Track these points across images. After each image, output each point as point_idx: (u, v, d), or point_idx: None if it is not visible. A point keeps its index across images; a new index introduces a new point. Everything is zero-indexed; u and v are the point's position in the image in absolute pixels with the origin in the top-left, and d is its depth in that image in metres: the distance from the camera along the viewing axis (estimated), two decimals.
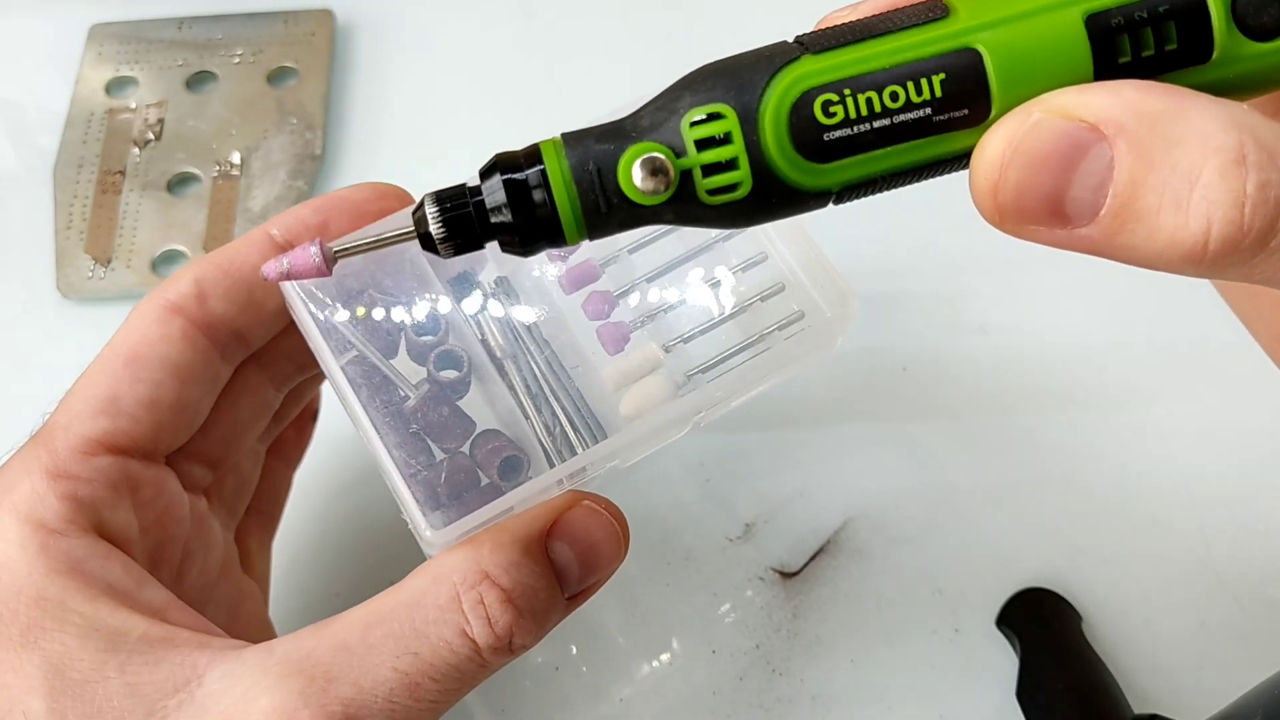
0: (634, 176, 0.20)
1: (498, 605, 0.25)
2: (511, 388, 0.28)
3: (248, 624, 0.32)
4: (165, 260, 0.45)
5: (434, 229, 0.21)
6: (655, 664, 0.37)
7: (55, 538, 0.25)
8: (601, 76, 0.51)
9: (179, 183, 0.48)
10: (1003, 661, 0.37)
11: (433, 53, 0.51)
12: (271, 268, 0.23)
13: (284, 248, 0.29)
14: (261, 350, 0.30)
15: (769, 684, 0.36)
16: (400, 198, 0.30)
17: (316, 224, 0.29)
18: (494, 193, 0.21)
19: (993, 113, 0.20)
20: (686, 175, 0.20)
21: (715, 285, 0.30)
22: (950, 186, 0.52)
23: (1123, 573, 0.38)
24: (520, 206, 0.21)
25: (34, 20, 0.52)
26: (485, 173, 0.21)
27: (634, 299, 0.29)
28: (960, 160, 0.21)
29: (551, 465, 0.27)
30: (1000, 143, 0.19)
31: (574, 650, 0.37)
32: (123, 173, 0.47)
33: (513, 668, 0.36)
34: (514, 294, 0.29)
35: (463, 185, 0.21)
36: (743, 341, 0.29)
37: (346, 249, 0.23)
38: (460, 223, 0.21)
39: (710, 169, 0.20)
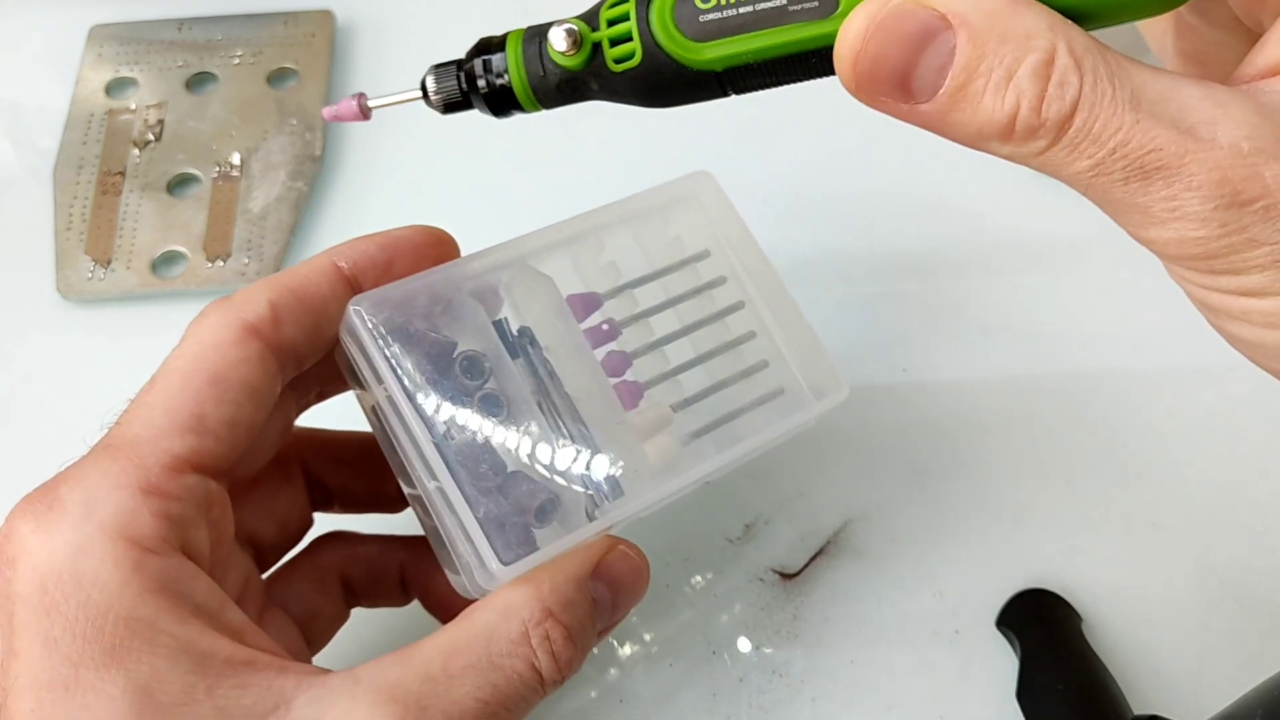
0: (554, 42, 0.26)
1: (561, 640, 0.27)
2: (540, 431, 0.30)
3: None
4: (165, 261, 0.45)
5: (432, 93, 0.28)
6: (655, 665, 0.37)
7: (149, 556, 0.25)
8: None
9: (179, 184, 0.48)
10: (1003, 662, 0.37)
11: (433, 53, 0.51)
12: (327, 112, 0.29)
13: (350, 279, 0.30)
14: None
15: (769, 685, 0.36)
16: (451, 245, 0.32)
17: (383, 260, 0.31)
18: (473, 66, 0.27)
19: (840, 7, 0.23)
20: (597, 46, 0.26)
21: (713, 356, 0.33)
22: (951, 186, 0.52)
23: (1123, 573, 0.38)
24: (488, 75, 0.27)
25: (34, 21, 0.53)
26: (470, 53, 0.28)
27: (648, 361, 0.33)
28: (820, 56, 0.24)
29: (586, 511, 0.29)
30: (863, 20, 0.22)
31: None
32: (123, 174, 0.47)
33: None
34: (538, 344, 0.31)
35: (457, 60, 0.28)
36: (736, 410, 0.33)
37: (380, 105, 0.29)
38: (451, 88, 0.28)
39: (615, 42, 0.25)
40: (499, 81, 0.27)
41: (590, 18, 0.26)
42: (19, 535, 0.25)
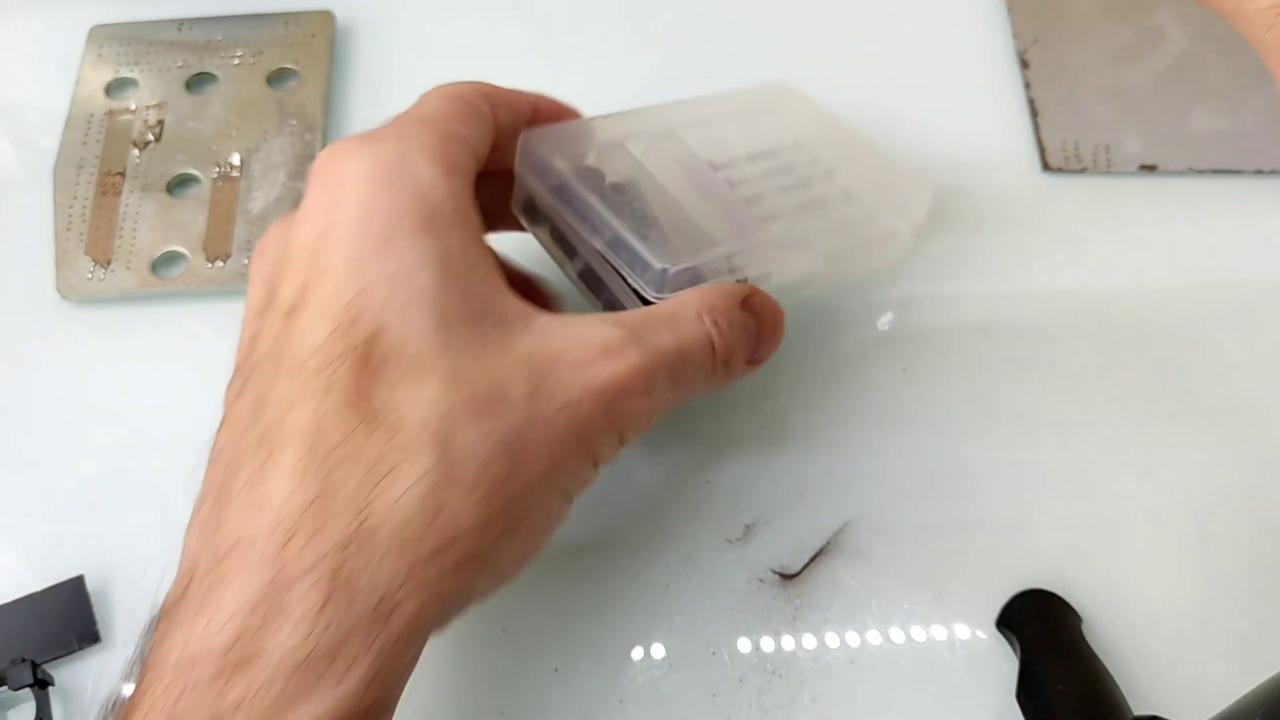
0: None
1: (724, 331, 0.32)
2: (685, 233, 0.35)
3: None
4: (165, 261, 0.45)
5: None
6: (654, 666, 0.37)
7: (453, 170, 0.30)
8: (601, 76, 0.51)
9: (179, 184, 0.48)
10: (1003, 662, 0.37)
11: (433, 53, 0.51)
12: None
13: (536, 103, 0.36)
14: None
15: (769, 685, 0.36)
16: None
17: (554, 111, 0.37)
18: None
19: None
20: None
21: (817, 207, 0.39)
22: (949, 190, 0.52)
23: (1123, 573, 0.38)
24: None
25: (34, 21, 0.53)
26: None
27: (761, 209, 0.38)
28: None
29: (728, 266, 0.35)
30: None
31: (573, 651, 0.37)
32: (123, 174, 0.47)
33: (512, 669, 0.36)
34: (652, 175, 0.37)
35: None
36: (843, 243, 0.39)
37: None
38: None
39: None
40: None
41: None
42: (346, 147, 0.30)
